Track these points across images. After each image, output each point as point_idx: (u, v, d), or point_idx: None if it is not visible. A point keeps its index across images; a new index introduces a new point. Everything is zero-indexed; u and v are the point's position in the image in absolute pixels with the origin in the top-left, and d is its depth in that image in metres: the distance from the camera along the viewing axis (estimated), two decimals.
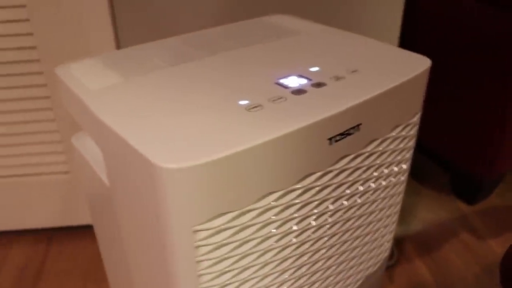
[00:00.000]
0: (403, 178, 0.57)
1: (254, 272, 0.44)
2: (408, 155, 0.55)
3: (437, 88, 1.04)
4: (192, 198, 0.35)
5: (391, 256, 0.92)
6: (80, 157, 0.53)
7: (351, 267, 0.57)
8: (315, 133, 0.40)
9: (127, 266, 0.52)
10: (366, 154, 0.48)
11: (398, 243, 0.97)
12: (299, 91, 0.44)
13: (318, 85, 0.45)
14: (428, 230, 1.00)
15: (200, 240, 0.38)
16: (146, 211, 0.39)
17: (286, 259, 0.46)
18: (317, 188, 0.44)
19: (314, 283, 0.52)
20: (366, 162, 0.48)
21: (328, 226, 0.48)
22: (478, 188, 1.04)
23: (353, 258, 0.56)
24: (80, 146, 0.53)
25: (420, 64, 0.51)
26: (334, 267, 0.53)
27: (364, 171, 0.49)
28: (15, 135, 0.86)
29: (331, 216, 0.48)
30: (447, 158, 1.08)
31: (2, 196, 0.93)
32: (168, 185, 0.34)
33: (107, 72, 0.49)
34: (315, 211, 0.45)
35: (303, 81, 0.46)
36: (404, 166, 0.56)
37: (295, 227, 0.44)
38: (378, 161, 0.50)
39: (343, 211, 0.49)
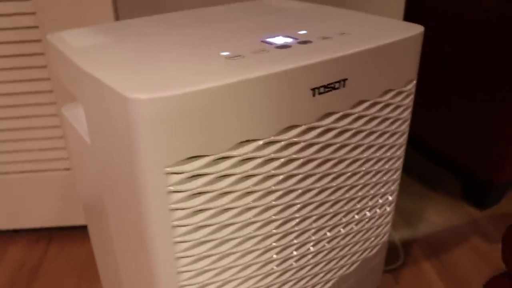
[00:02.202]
0: (398, 153, 0.55)
1: (233, 232, 0.42)
2: (403, 127, 0.53)
3: (444, 90, 1.02)
4: (162, 134, 0.34)
5: (397, 257, 0.88)
6: (68, 124, 0.52)
7: (345, 245, 0.54)
8: (296, 80, 0.39)
9: (112, 244, 0.50)
10: (355, 116, 0.46)
11: (405, 245, 0.93)
12: (283, 46, 0.43)
13: (304, 42, 0.44)
14: (437, 234, 0.96)
15: (173, 184, 0.36)
16: (121, 156, 0.38)
17: (268, 223, 0.44)
18: (301, 145, 0.42)
19: (303, 256, 0.49)
20: (355, 125, 0.46)
21: (315, 192, 0.46)
22: (488, 193, 1.00)
23: (346, 235, 0.53)
24: (69, 114, 0.53)
25: (411, 29, 0.49)
26: (325, 242, 0.51)
27: (353, 135, 0.47)
28: (15, 130, 0.87)
29: (318, 180, 0.46)
30: (456, 162, 1.05)
31: (1, 193, 0.93)
32: (138, 118, 0.33)
33: (96, 36, 0.49)
34: (300, 171, 0.44)
35: (289, 40, 0.45)
36: (400, 140, 0.54)
37: (277, 187, 0.43)
38: (368, 126, 0.48)
39: (332, 176, 0.47)
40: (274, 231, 0.45)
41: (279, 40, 0.45)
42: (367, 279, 0.62)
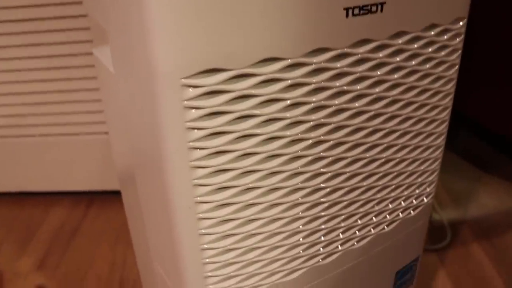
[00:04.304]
0: (445, 101, 0.50)
1: (256, 163, 0.39)
2: (451, 72, 0.49)
3: (503, 65, 0.95)
4: (179, 41, 0.32)
5: (443, 237, 0.83)
6: (97, 62, 0.52)
7: (383, 199, 0.50)
8: None
9: (136, 194, 0.49)
10: (394, 48, 0.42)
11: (453, 226, 0.86)
12: None
13: None
14: (490, 217, 0.89)
15: (189, 99, 0.34)
16: (139, 71, 0.36)
17: (294, 158, 0.41)
18: (333, 72, 0.39)
19: (334, 204, 0.46)
20: (394, 59, 0.43)
21: (349, 130, 0.43)
22: None
23: (384, 187, 0.49)
24: (98, 53, 0.52)
25: None
26: (359, 190, 0.47)
27: (393, 71, 0.43)
28: (57, 92, 0.88)
29: (352, 117, 0.42)
30: None
31: (42, 156, 0.95)
32: (153, 18, 0.31)
33: None
34: (332, 102, 0.40)
35: None
36: (447, 87, 0.49)
37: (304, 117, 0.39)
38: (409, 63, 0.44)
39: (368, 115, 0.43)
40: (301, 169, 0.42)
41: None
42: (406, 244, 0.58)
